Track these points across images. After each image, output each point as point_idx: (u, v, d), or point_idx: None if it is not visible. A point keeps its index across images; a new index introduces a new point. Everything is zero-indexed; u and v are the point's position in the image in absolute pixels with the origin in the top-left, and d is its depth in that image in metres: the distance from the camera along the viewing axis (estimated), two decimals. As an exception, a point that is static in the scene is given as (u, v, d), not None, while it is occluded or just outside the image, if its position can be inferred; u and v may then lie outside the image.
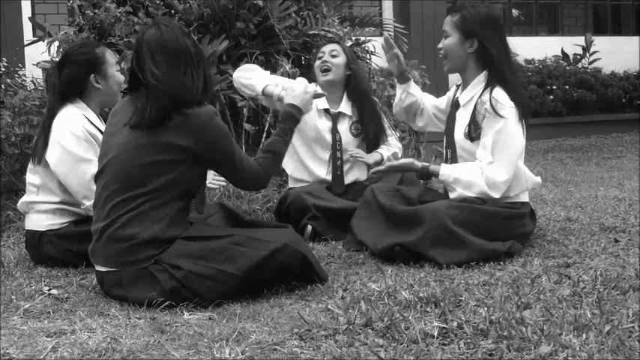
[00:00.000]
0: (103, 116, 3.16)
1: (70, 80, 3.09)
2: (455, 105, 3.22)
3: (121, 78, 3.23)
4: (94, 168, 2.91)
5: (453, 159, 3.18)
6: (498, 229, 3.01)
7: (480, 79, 3.11)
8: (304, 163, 3.85)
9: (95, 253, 2.55)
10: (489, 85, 3.05)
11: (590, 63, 10.46)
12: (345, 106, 3.86)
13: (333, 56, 3.80)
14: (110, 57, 3.18)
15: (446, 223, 2.90)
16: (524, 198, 3.20)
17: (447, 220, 2.91)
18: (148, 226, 2.45)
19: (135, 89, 2.58)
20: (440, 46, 3.18)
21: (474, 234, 2.93)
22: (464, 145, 3.13)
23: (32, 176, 3.14)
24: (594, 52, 10.43)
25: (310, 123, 3.79)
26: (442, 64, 3.22)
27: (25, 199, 3.17)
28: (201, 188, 2.61)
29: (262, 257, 2.45)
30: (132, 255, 2.46)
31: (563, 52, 10.40)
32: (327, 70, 3.79)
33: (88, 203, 2.93)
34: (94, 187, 2.71)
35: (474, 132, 3.08)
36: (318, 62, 3.84)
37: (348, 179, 3.86)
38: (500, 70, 3.04)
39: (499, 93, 3.01)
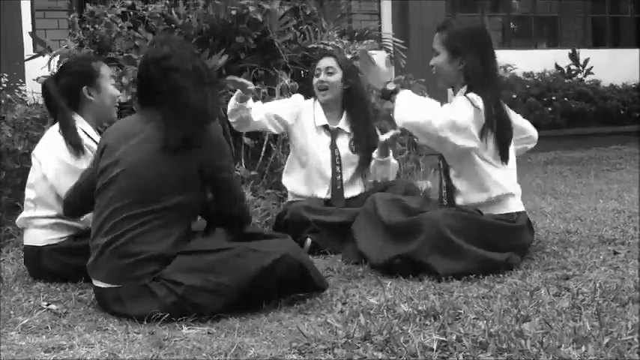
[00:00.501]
0: (101, 132, 3.17)
1: (64, 91, 3.13)
2: None
3: (116, 92, 3.26)
4: (91, 180, 2.92)
5: (445, 169, 3.19)
6: (495, 240, 3.01)
7: (462, 92, 3.09)
8: (306, 180, 3.86)
9: (96, 269, 2.54)
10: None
11: (585, 75, 10.47)
12: (345, 123, 3.89)
13: (330, 73, 3.83)
14: (105, 71, 3.21)
15: (444, 231, 2.91)
16: (520, 208, 3.20)
17: (444, 228, 2.92)
18: (155, 243, 2.46)
19: (146, 105, 2.59)
20: (431, 63, 3.18)
21: (471, 243, 2.94)
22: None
23: (30, 191, 3.14)
24: (587, 61, 10.43)
25: (310, 140, 3.82)
26: (436, 80, 3.21)
27: (23, 214, 3.17)
28: None
29: (262, 268, 2.43)
30: (134, 271, 2.45)
31: (556, 65, 10.41)
32: (324, 89, 3.83)
33: (87, 215, 2.94)
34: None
35: None
36: (315, 80, 3.86)
37: (348, 194, 3.87)
38: (476, 87, 3.02)
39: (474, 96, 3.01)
